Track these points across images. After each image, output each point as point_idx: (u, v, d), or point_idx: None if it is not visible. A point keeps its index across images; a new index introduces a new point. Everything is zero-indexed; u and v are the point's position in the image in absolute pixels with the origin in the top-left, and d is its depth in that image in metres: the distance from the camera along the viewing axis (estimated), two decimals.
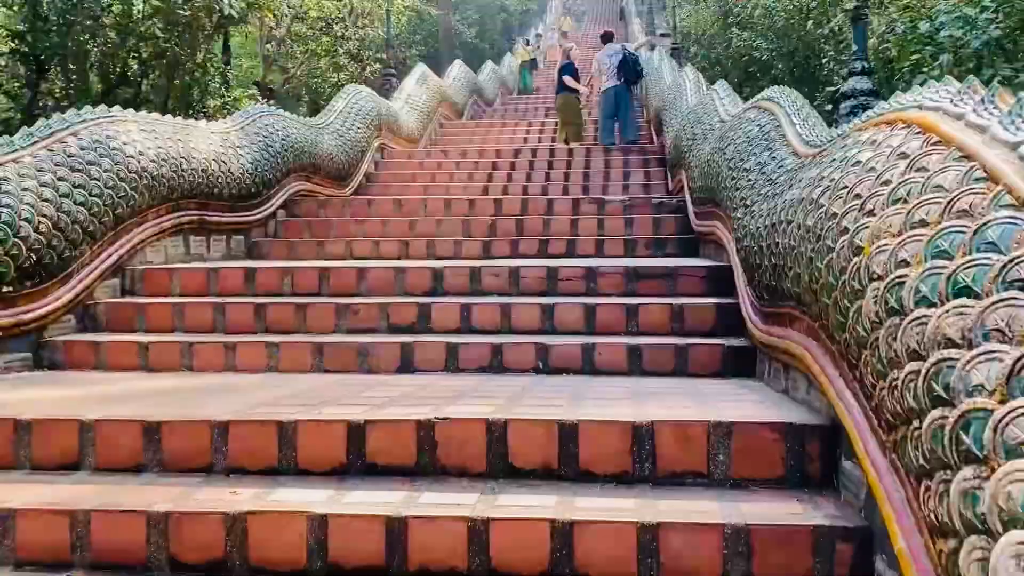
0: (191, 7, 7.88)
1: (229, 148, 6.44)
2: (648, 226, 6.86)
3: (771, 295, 3.41)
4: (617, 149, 10.60)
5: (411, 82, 12.95)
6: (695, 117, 7.06)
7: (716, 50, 17.89)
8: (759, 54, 12.94)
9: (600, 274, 4.81)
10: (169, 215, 5.56)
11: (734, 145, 4.67)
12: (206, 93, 10.10)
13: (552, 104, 19.20)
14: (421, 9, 19.55)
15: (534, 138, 13.14)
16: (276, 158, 7.12)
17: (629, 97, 11.68)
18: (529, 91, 23.15)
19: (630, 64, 11.51)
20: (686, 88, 9.32)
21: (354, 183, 9.16)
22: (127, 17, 7.14)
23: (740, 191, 4.17)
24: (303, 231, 7.07)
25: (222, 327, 4.60)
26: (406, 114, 11.88)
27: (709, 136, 6.14)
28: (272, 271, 5.00)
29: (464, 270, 4.88)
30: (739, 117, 5.10)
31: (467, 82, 17.17)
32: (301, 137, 7.71)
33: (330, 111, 9.25)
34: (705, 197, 5.67)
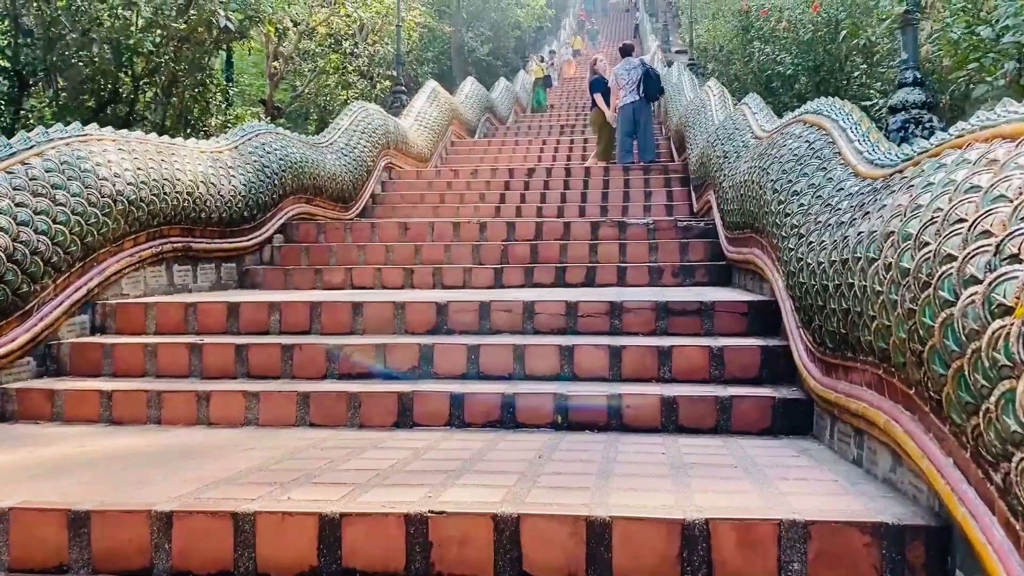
0: (187, 20, 7.43)
1: (220, 169, 5.96)
2: (674, 252, 6.30)
3: (837, 343, 2.84)
4: (637, 168, 10.06)
5: (421, 99, 12.50)
6: (724, 134, 6.51)
7: (735, 66, 17.38)
8: (783, 68, 12.39)
9: (626, 309, 4.25)
10: (149, 243, 5.06)
11: (779, 164, 4.11)
12: (206, 111, 9.67)
13: (567, 121, 18.84)
14: (433, 26, 19.17)
15: (548, 156, 12.64)
16: (272, 179, 6.63)
17: (648, 112, 11.17)
18: (543, 109, 22.76)
19: (652, 79, 11.01)
20: (710, 103, 8.78)
21: (359, 205, 8.66)
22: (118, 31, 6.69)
23: (790, 217, 3.61)
24: (300, 258, 6.56)
25: (198, 371, 4.07)
26: (415, 132, 11.41)
27: (743, 154, 5.59)
28: (257, 306, 4.48)
29: (472, 305, 4.34)
30: (781, 133, 4.55)
31: (479, 99, 16.73)
32: (301, 157, 7.23)
33: (334, 129, 8.78)
34: (741, 221, 5.11)
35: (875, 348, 2.38)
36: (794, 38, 11.87)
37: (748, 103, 6.45)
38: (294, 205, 7.17)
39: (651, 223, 6.74)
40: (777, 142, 4.48)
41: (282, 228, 6.92)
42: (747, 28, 15.66)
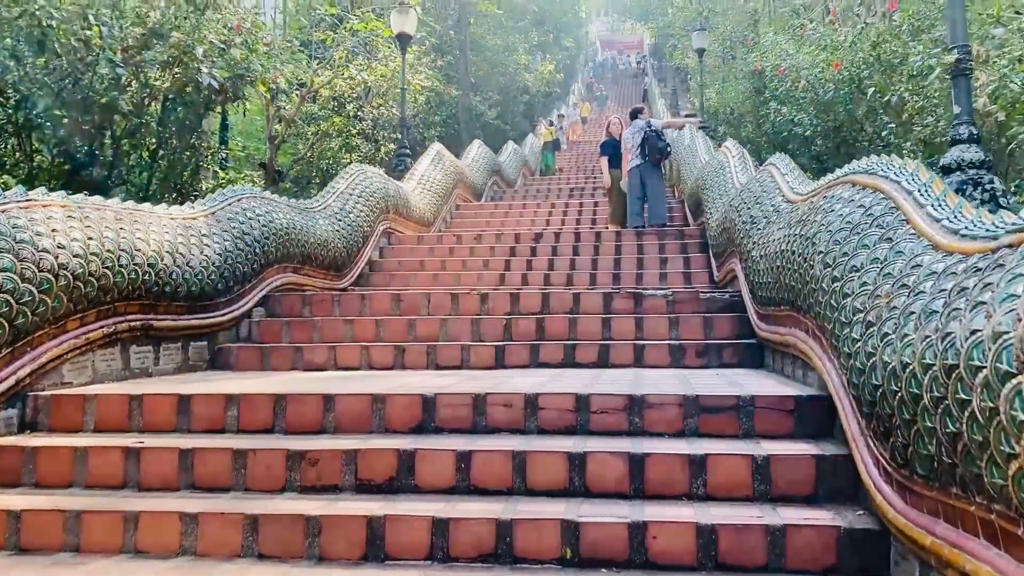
0: (172, 78, 6.98)
1: (192, 238, 5.37)
2: (697, 327, 5.63)
3: (934, 472, 2.15)
4: (650, 232, 9.47)
5: (425, 162, 12.05)
6: (750, 197, 5.91)
7: (747, 128, 16.98)
8: (801, 129, 11.90)
9: (648, 404, 3.56)
10: (100, 322, 4.43)
11: (827, 234, 3.47)
12: (197, 174, 9.20)
13: (576, 184, 18.40)
14: (440, 90, 18.93)
15: (557, 220, 12.10)
16: (253, 248, 6.05)
17: (657, 175, 10.64)
18: (552, 172, 22.41)
19: (651, 138, 10.51)
20: (730, 164, 8.22)
21: (354, 273, 8.07)
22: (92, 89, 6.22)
23: (851, 299, 2.95)
24: (281, 334, 5.92)
25: (134, 482, 3.39)
26: (418, 196, 10.91)
27: (774, 220, 4.97)
28: (212, 399, 3.81)
29: (464, 399, 3.66)
30: (824, 196, 3.93)
31: (486, 162, 16.33)
32: (288, 223, 6.66)
33: (329, 192, 8.25)
34: (777, 297, 4.45)
35: (1013, 496, 1.69)
36: (812, 98, 11.40)
37: (775, 163, 5.86)
38: (278, 275, 6.58)
39: (670, 294, 6.09)
40: (820, 207, 3.85)
41: (264, 300, 6.31)
42: (760, 90, 15.29)
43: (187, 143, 8.66)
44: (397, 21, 13.49)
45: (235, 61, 7.04)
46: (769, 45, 13.60)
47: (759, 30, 17.76)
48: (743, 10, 21.06)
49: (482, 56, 24.35)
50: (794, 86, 11.91)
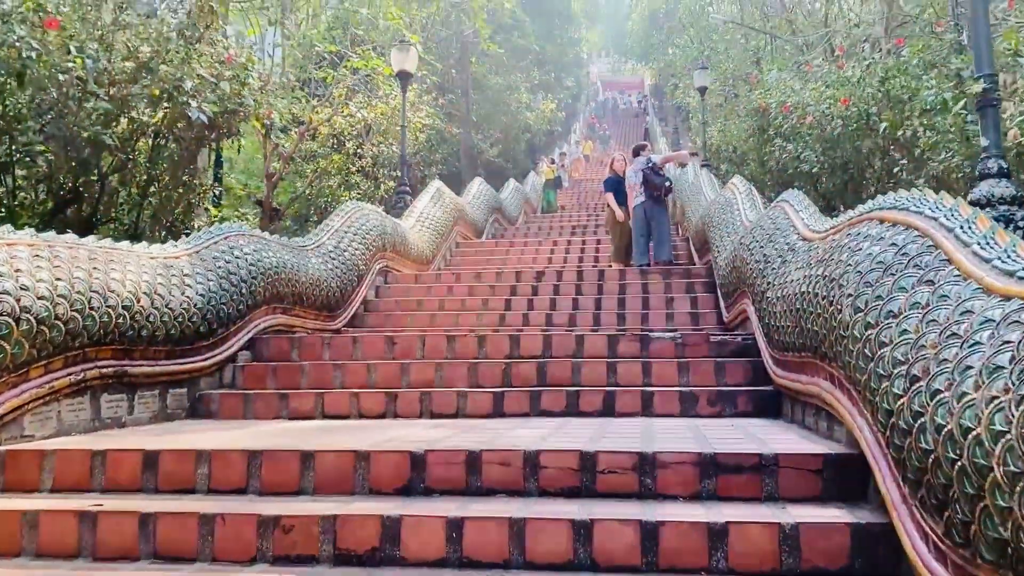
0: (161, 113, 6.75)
1: (173, 278, 5.08)
2: (709, 373, 5.30)
3: (1010, 560, 1.81)
4: (655, 271, 9.17)
5: (424, 200, 11.82)
6: (762, 235, 5.62)
7: (750, 166, 16.80)
8: (808, 166, 11.67)
9: (660, 463, 3.22)
10: (67, 369, 4.12)
11: (856, 275, 3.16)
12: (189, 212, 8.95)
13: (578, 222, 18.18)
14: (441, 128, 18.84)
15: (559, 258, 11.83)
16: (240, 288, 5.75)
17: (661, 212, 10.39)
18: (554, 210, 22.24)
19: (650, 175, 10.30)
20: (737, 201, 7.96)
21: (348, 313, 7.77)
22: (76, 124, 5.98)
23: (889, 348, 2.63)
24: (267, 380, 5.59)
25: (89, 550, 3.04)
26: (417, 233, 10.65)
27: (790, 259, 4.67)
28: (181, 456, 3.48)
29: (457, 456, 3.32)
30: (848, 234, 3.63)
31: (488, 200, 16.13)
32: (278, 261, 6.38)
33: (323, 229, 7.99)
34: (797, 343, 4.13)
35: None
36: (819, 134, 11.19)
37: (788, 200, 5.58)
38: (267, 316, 6.27)
39: (679, 337, 5.77)
40: (845, 245, 3.55)
41: (251, 343, 5.99)
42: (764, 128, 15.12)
43: (179, 180, 8.41)
44: (397, 59, 13.39)
45: (225, 95, 6.81)
46: (773, 82, 13.44)
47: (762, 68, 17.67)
48: (745, 48, 21.04)
49: (484, 95, 24.35)
50: (800, 123, 11.72)
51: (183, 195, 8.79)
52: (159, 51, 6.32)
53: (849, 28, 15.25)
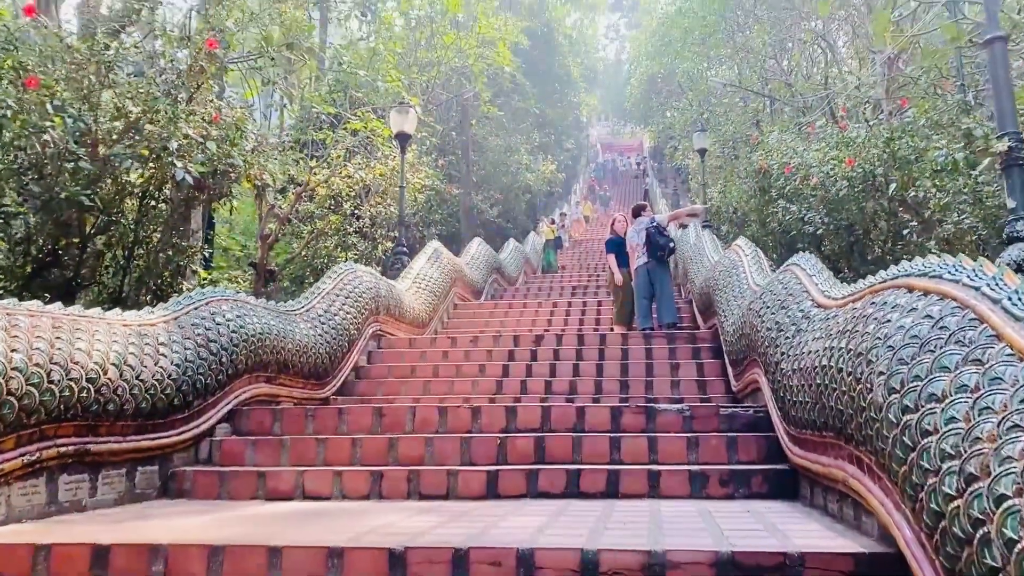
0: (147, 173, 6.54)
1: (147, 346, 4.76)
2: (719, 449, 4.93)
3: None
4: (659, 336, 8.86)
5: (421, 261, 11.59)
6: (773, 301, 5.32)
7: (751, 227, 16.64)
8: (812, 228, 11.46)
9: (672, 565, 2.84)
10: (19, 449, 3.76)
11: (887, 350, 2.84)
12: (179, 275, 8.68)
13: (579, 283, 17.93)
14: (441, 188, 18.76)
15: (559, 320, 11.52)
16: (219, 356, 5.43)
17: (664, 274, 10.12)
18: (554, 270, 22.05)
19: (655, 234, 10.08)
20: (743, 264, 7.69)
21: (338, 380, 7.42)
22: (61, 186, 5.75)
23: (933, 438, 2.30)
24: (246, 455, 5.22)
25: None
26: (413, 295, 10.37)
27: (805, 328, 4.36)
28: (134, 552, 3.11)
29: (442, 555, 2.95)
30: (873, 303, 3.32)
31: (487, 260, 15.91)
32: (263, 327, 6.07)
33: (314, 293, 7.70)
34: (815, 420, 3.78)
35: None
36: (823, 196, 11.01)
37: (799, 263, 5.30)
38: (249, 386, 5.93)
39: (686, 410, 5.41)
40: (869, 316, 3.25)
41: (230, 415, 5.64)
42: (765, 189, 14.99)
43: (167, 242, 8.16)
44: (396, 120, 13.34)
45: (212, 156, 6.60)
46: (774, 143, 13.35)
47: (762, 129, 17.67)
48: (744, 111, 21.13)
49: (484, 156, 24.41)
50: (803, 184, 11.56)
51: (172, 257, 8.54)
52: (145, 110, 6.13)
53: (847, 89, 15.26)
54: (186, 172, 6.26)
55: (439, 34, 20.62)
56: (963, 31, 6.63)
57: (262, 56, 8.21)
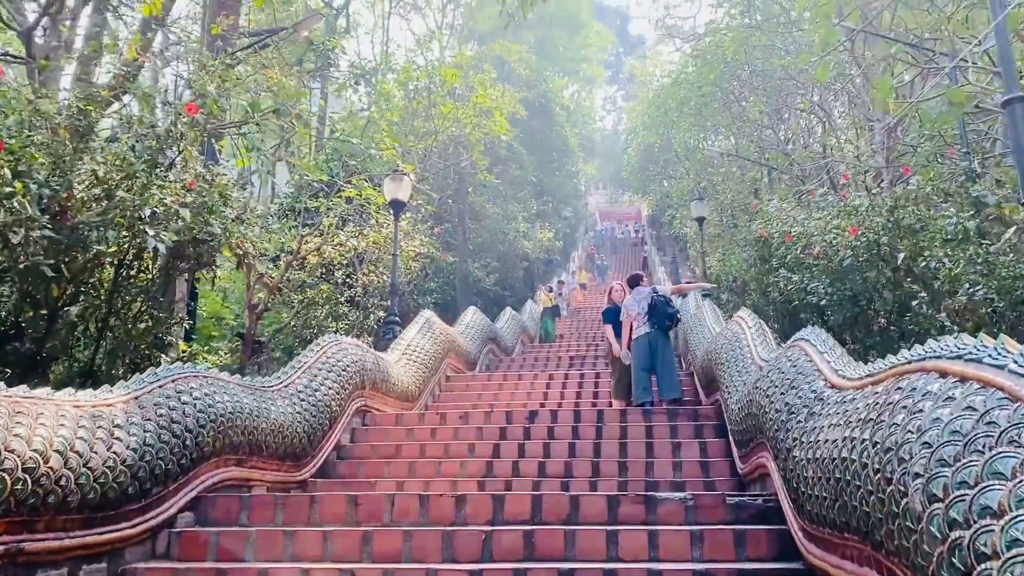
0: (121, 240, 6.23)
1: (100, 430, 4.36)
2: (727, 545, 4.46)
3: None
4: (659, 411, 8.44)
5: (413, 331, 11.22)
6: (781, 380, 4.93)
7: (751, 296, 16.34)
8: (815, 298, 11.11)
9: None
10: None
11: (922, 447, 2.46)
12: (156, 348, 8.30)
13: (577, 352, 17.52)
14: (437, 256, 18.52)
15: (555, 394, 11.07)
16: (183, 439, 5.01)
17: (667, 345, 9.74)
18: (552, 339, 21.67)
19: (661, 305, 9.74)
20: (746, 337, 7.32)
21: (317, 461, 6.96)
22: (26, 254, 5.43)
23: (995, 566, 1.89)
24: (207, 550, 4.75)
25: None
26: (402, 368, 9.97)
27: (819, 411, 3.97)
28: None
29: None
30: (899, 388, 2.95)
31: (482, 330, 15.53)
32: (234, 406, 5.66)
33: (294, 367, 7.30)
34: (835, 518, 3.36)
35: None
36: (825, 265, 10.70)
37: (808, 339, 4.94)
38: (217, 470, 5.49)
39: (690, 499, 4.97)
40: (896, 404, 2.86)
41: (195, 502, 5.19)
42: (765, 257, 14.74)
43: (144, 313, 7.81)
44: (391, 188, 13.19)
45: (188, 224, 6.31)
46: (774, 212, 13.15)
47: (761, 197, 17.55)
48: (742, 180, 21.10)
49: (481, 224, 24.31)
50: (804, 253, 11.27)
51: (151, 329, 8.18)
52: (119, 177, 5.87)
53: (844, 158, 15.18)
54: (158, 241, 5.96)
55: (436, 104, 20.73)
56: (969, 96, 6.45)
57: (248, 123, 8.03)
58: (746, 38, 18.39)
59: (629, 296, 10.31)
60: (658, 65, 44.07)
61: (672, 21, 34.53)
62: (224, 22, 10.39)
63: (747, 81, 19.41)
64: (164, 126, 6.53)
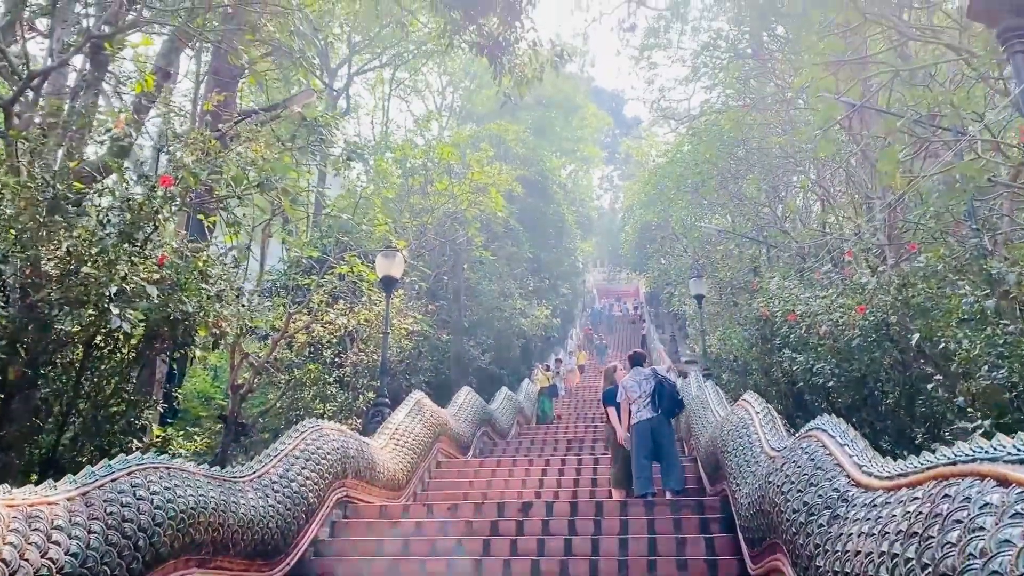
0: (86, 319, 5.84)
1: (35, 532, 3.87)
2: None
3: None
4: (662, 503, 7.90)
5: (401, 414, 10.71)
6: (798, 476, 4.47)
7: (753, 376, 15.87)
8: (822, 379, 10.68)
9: None
10: None
11: (994, 574, 2.01)
12: (128, 432, 7.82)
13: (575, 435, 16.90)
14: (431, 334, 18.10)
15: (551, 481, 10.48)
16: (137, 540, 4.51)
17: (670, 432, 9.24)
18: (549, 420, 21.05)
19: (668, 391, 9.27)
20: (754, 424, 6.85)
21: (292, 558, 6.40)
22: None
23: None
24: None
25: None
26: (389, 454, 9.43)
27: (844, 515, 3.51)
28: None
29: None
30: (949, 496, 2.51)
31: (475, 412, 14.98)
32: (198, 501, 5.16)
33: (269, 455, 6.80)
34: None
35: None
36: (831, 345, 10.31)
37: (825, 428, 4.51)
38: (175, 572, 4.95)
39: None
40: (946, 516, 2.42)
41: None
42: (767, 337, 14.35)
43: (114, 396, 7.37)
44: (383, 264, 12.88)
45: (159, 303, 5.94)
46: (776, 290, 12.83)
47: (761, 275, 17.28)
48: (740, 257, 20.90)
49: (477, 300, 23.98)
50: (808, 332, 10.89)
51: (124, 412, 7.71)
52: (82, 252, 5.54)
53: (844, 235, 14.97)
54: (123, 320, 5.57)
55: (433, 181, 20.71)
56: (980, 170, 6.20)
57: (230, 197, 7.77)
58: (742, 116, 18.47)
59: (628, 376, 9.83)
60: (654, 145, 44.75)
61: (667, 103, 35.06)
62: (215, 98, 10.27)
63: (744, 159, 19.43)
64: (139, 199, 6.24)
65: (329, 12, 21.71)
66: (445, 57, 32.82)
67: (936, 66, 9.05)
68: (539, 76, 15.20)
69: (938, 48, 8.54)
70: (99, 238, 5.76)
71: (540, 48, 15.36)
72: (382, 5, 21.93)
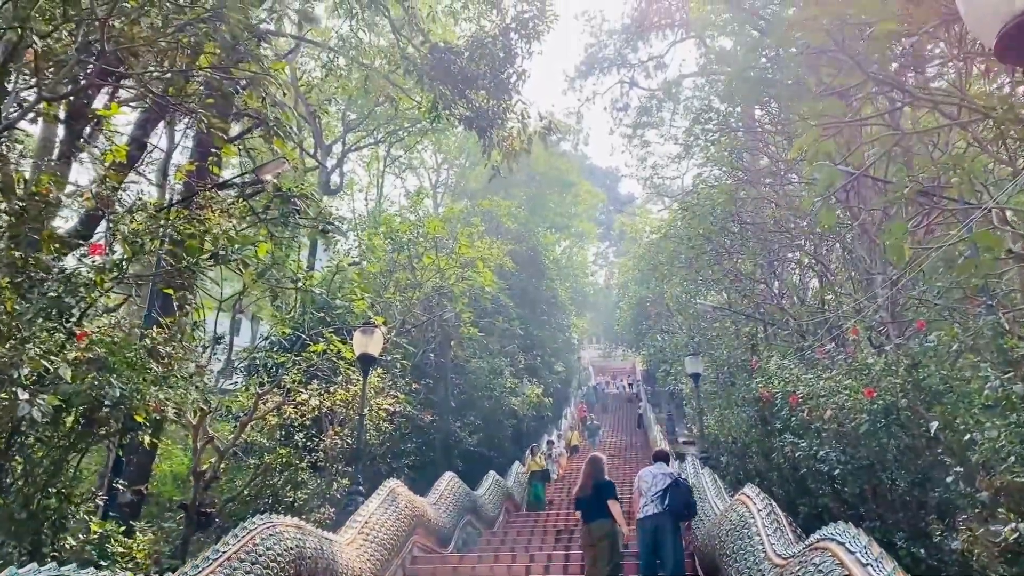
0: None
1: None
2: None
3: None
4: None
5: (373, 505, 9.88)
6: None
7: (753, 459, 15.03)
8: (827, 466, 9.90)
9: None
10: None
11: None
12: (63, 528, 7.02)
13: (565, 524, 15.81)
14: (415, 415, 17.26)
15: None
16: None
17: (676, 535, 8.47)
18: (541, 506, 19.95)
19: (681, 492, 8.56)
20: (756, 523, 6.10)
21: None
22: None
23: None
24: None
25: None
26: (355, 551, 8.57)
27: None
28: None
29: None
30: None
31: (458, 499, 14.05)
32: None
33: (209, 558, 5.99)
34: None
35: None
36: (836, 430, 9.58)
37: (843, 541, 3.79)
38: None
39: None
40: None
41: None
42: (766, 419, 13.59)
43: (43, 489, 6.61)
44: (360, 341, 12.24)
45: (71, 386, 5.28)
46: (775, 370, 12.15)
47: (759, 353, 16.61)
48: (737, 335, 20.29)
49: (466, 379, 23.20)
50: (811, 415, 10.17)
51: (58, 507, 6.93)
52: None
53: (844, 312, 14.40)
54: (34, 407, 4.89)
55: (421, 256, 20.25)
56: (999, 241, 5.67)
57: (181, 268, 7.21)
58: (735, 190, 18.17)
59: (647, 468, 9.20)
60: (647, 222, 44.70)
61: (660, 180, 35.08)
62: (186, 168, 9.83)
63: (738, 234, 19.04)
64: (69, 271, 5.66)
65: (319, 88, 21.70)
66: (440, 135, 32.98)
67: (937, 133, 8.66)
68: (527, 148, 14.93)
69: (939, 116, 8.16)
70: (18, 313, 5.15)
71: (528, 120, 15.15)
72: (372, 82, 21.93)
